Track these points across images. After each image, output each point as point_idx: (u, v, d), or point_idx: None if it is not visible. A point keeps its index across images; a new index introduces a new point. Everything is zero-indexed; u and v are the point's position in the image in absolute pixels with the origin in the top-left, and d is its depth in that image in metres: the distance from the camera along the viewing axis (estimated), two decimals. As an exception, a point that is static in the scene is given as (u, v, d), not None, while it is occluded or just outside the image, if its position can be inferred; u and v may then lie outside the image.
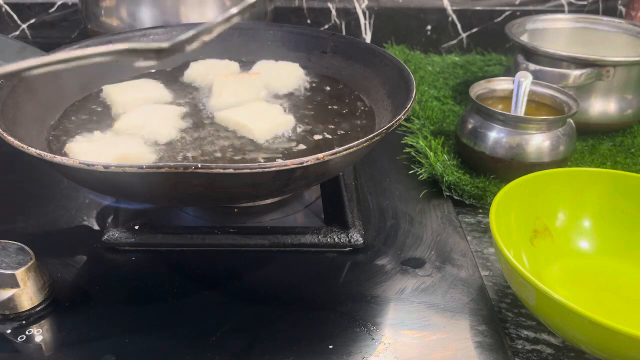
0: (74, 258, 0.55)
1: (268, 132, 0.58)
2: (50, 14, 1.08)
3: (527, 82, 0.68)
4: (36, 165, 0.49)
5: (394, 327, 0.48)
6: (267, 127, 0.58)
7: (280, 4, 1.09)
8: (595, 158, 0.73)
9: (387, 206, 0.64)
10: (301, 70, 0.72)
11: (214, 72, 0.70)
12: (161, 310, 0.49)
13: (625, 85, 0.76)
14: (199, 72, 0.71)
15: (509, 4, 1.11)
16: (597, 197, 0.57)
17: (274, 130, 0.59)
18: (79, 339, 0.46)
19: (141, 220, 0.57)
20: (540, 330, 0.49)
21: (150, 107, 0.62)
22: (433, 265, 0.55)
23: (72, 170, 0.46)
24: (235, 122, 0.60)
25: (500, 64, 1.05)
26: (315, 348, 0.45)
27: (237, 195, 0.50)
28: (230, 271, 0.54)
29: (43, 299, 0.48)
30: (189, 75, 0.71)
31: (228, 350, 0.45)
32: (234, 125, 0.60)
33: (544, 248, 0.55)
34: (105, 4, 0.85)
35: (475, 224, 0.63)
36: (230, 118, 0.60)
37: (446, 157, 0.70)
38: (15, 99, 0.56)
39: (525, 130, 0.65)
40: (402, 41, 1.12)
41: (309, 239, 0.56)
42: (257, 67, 0.72)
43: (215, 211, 0.62)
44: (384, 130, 0.49)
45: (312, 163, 0.44)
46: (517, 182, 0.54)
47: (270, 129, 0.59)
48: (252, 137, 0.58)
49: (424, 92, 0.90)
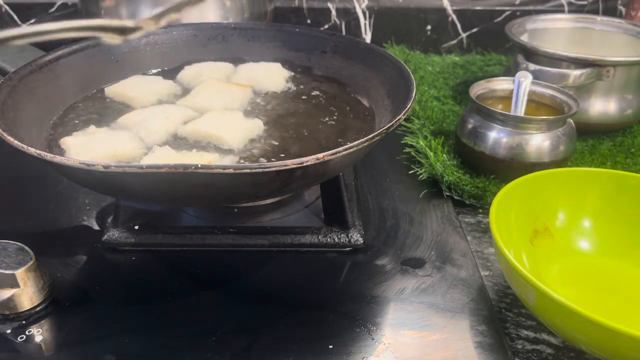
0: (74, 258, 0.55)
1: (240, 138, 0.57)
2: (50, 14, 1.08)
3: (527, 82, 0.68)
4: (36, 165, 0.49)
5: (394, 327, 0.48)
6: (239, 134, 0.57)
7: (280, 4, 1.09)
8: (595, 158, 0.73)
9: (387, 206, 0.64)
10: (285, 70, 0.72)
11: (207, 74, 0.70)
12: (161, 310, 0.49)
13: (625, 85, 0.76)
14: (193, 73, 0.71)
15: (509, 4, 1.11)
16: (597, 197, 0.57)
17: (247, 136, 0.58)
18: (79, 339, 0.46)
19: (141, 220, 0.57)
20: (540, 330, 0.49)
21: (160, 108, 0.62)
22: (433, 265, 0.55)
23: (72, 170, 0.46)
24: (204, 134, 0.58)
25: (500, 64, 1.05)
26: (315, 348, 0.45)
27: (237, 195, 0.50)
28: (230, 271, 0.54)
29: (43, 299, 0.48)
30: (184, 76, 0.71)
31: (228, 350, 0.45)
32: (203, 137, 0.58)
33: (544, 248, 0.55)
34: (105, 4, 0.85)
35: (475, 224, 0.63)
36: (198, 131, 0.58)
37: (446, 157, 0.70)
38: (15, 99, 0.56)
39: (525, 130, 0.65)
40: (402, 41, 1.12)
41: (309, 239, 0.56)
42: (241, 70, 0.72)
43: (215, 211, 0.62)
44: (384, 130, 0.49)
45: (312, 163, 0.44)
46: (517, 182, 0.54)
47: (242, 135, 0.58)
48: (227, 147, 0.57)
49: (424, 92, 0.90)
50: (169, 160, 0.52)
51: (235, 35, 0.76)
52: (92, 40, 0.69)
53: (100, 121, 0.61)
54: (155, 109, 0.62)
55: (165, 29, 0.75)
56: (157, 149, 0.55)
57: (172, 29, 0.75)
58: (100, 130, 0.58)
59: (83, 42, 0.68)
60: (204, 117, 0.60)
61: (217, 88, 0.66)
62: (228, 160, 0.55)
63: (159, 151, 0.54)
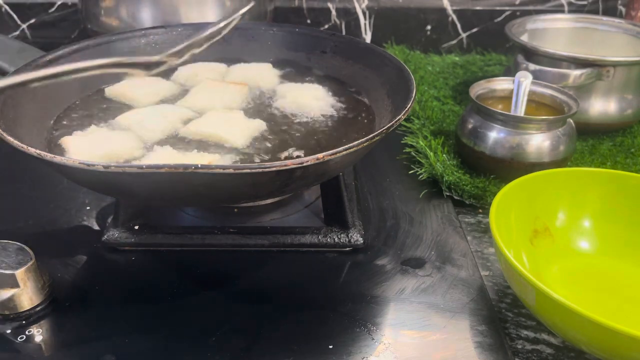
0: (74, 258, 0.55)
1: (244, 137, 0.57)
2: (50, 14, 1.08)
3: (527, 82, 0.68)
4: (36, 165, 0.49)
5: (394, 327, 0.48)
6: (242, 133, 0.57)
7: (280, 4, 1.09)
8: (595, 158, 0.73)
9: (387, 206, 0.64)
10: (274, 70, 0.72)
11: (203, 74, 0.70)
12: (161, 310, 0.49)
13: (625, 85, 0.76)
14: (188, 74, 0.71)
15: (509, 4, 1.11)
16: (597, 197, 0.57)
17: (250, 135, 0.58)
18: (79, 339, 0.46)
19: (141, 220, 0.57)
20: (540, 330, 0.49)
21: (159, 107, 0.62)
22: (433, 265, 0.55)
23: (72, 170, 0.46)
24: (207, 134, 0.58)
25: (500, 64, 1.05)
26: (315, 348, 0.45)
27: (237, 195, 0.50)
28: (230, 271, 0.54)
29: (43, 299, 0.48)
30: (179, 77, 0.71)
31: (228, 350, 0.45)
32: (206, 137, 0.58)
33: (544, 248, 0.55)
34: (105, 4, 0.85)
35: (475, 224, 0.63)
36: (201, 131, 0.58)
37: (446, 157, 0.70)
38: (15, 99, 0.56)
39: (525, 130, 0.65)
40: (402, 41, 1.12)
41: (309, 239, 0.56)
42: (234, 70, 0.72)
43: (215, 211, 0.62)
44: (384, 130, 0.49)
45: (312, 163, 0.44)
46: (517, 182, 0.54)
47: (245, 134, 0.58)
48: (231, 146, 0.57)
49: (424, 92, 0.90)
50: (169, 160, 0.51)
51: (235, 35, 0.76)
52: (92, 40, 0.69)
53: (100, 121, 0.61)
54: (153, 109, 0.62)
55: (165, 29, 0.75)
56: (158, 148, 0.55)
57: (172, 29, 0.75)
58: (101, 130, 0.59)
59: (83, 42, 0.68)
60: (205, 117, 0.60)
61: (215, 87, 0.66)
62: (230, 160, 0.55)
63: (160, 151, 0.54)
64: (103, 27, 0.86)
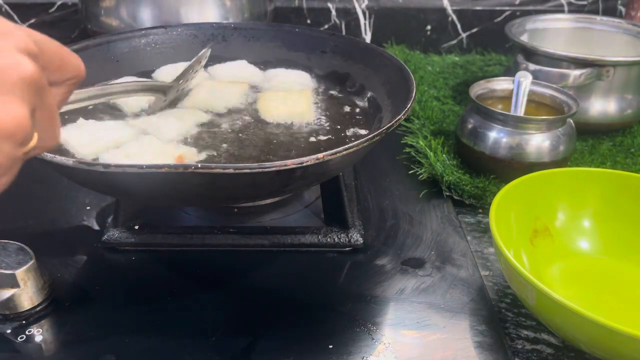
0: (74, 258, 0.55)
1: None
2: (50, 14, 1.08)
3: (527, 82, 0.68)
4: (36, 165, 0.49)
5: (394, 327, 0.48)
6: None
7: (280, 4, 1.09)
8: (595, 158, 0.73)
9: (387, 206, 0.64)
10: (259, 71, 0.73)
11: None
12: (161, 310, 0.49)
13: (625, 85, 0.76)
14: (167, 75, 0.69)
15: (509, 4, 1.11)
16: (596, 197, 0.57)
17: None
18: (79, 339, 0.46)
19: (141, 220, 0.57)
20: (540, 330, 0.49)
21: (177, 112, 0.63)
22: (433, 265, 0.55)
23: (72, 170, 0.46)
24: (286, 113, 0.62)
25: (500, 64, 1.05)
26: (315, 348, 0.45)
27: (237, 195, 0.50)
28: (230, 271, 0.54)
29: (43, 299, 0.48)
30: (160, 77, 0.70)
31: (228, 350, 0.45)
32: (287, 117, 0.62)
33: (544, 248, 0.55)
34: (105, 4, 0.85)
35: (475, 224, 0.63)
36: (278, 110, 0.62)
37: (446, 157, 0.70)
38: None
39: (525, 130, 0.65)
40: (402, 41, 1.12)
41: (309, 239, 0.56)
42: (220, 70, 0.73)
43: (215, 211, 0.62)
44: (384, 130, 0.49)
45: (312, 163, 0.44)
46: (517, 182, 0.54)
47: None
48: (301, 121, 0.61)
49: (424, 92, 0.90)
50: (154, 149, 0.53)
51: (235, 35, 0.76)
52: (92, 40, 0.69)
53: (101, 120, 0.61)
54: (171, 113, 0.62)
55: (165, 29, 0.75)
56: (142, 137, 0.55)
57: (172, 29, 0.75)
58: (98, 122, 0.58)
59: (83, 42, 0.68)
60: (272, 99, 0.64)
61: (216, 87, 0.66)
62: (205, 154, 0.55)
63: (143, 139, 0.55)
64: (103, 27, 0.86)
